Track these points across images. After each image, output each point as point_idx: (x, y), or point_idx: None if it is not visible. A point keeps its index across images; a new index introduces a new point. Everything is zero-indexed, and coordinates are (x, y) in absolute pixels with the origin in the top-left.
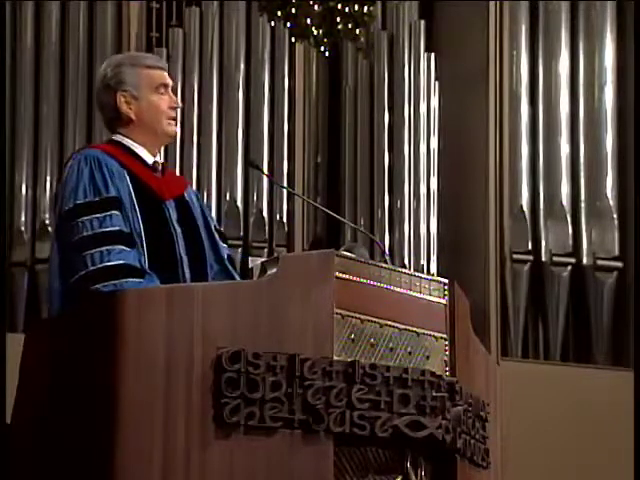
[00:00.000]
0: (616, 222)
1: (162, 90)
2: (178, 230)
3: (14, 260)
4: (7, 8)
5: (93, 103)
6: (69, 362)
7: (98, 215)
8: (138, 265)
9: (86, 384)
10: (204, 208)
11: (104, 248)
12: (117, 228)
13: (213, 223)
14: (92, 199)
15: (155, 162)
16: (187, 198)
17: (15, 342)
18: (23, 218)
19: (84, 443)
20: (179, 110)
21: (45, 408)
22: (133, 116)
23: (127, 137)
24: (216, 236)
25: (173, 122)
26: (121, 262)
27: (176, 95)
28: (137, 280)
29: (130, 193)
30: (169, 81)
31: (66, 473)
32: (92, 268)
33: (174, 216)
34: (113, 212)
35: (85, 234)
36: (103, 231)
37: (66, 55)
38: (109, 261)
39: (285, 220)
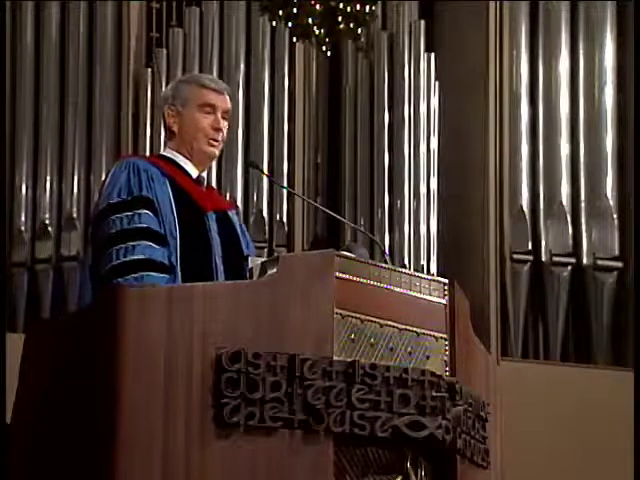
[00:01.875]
0: (616, 222)
1: (207, 109)
2: (217, 240)
3: (14, 260)
4: (7, 8)
5: (93, 103)
6: (69, 362)
7: (127, 213)
8: (165, 261)
9: (86, 384)
10: (245, 232)
11: (130, 244)
12: (145, 225)
13: (247, 251)
14: (124, 198)
15: (200, 176)
16: (231, 217)
17: (15, 342)
18: (23, 218)
19: (84, 443)
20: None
21: (45, 408)
22: (175, 129)
23: (175, 151)
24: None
25: (216, 143)
26: (144, 257)
27: (230, 118)
28: (160, 275)
29: (170, 199)
30: (221, 104)
31: (66, 473)
32: (116, 262)
33: (214, 227)
34: (142, 211)
35: (113, 230)
36: (130, 227)
37: (66, 55)
38: (133, 255)
39: (285, 220)
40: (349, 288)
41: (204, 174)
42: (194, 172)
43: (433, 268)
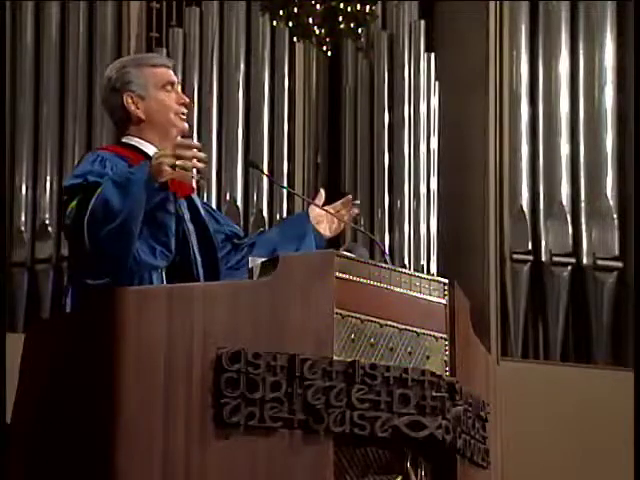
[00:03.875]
0: (616, 222)
1: (169, 87)
2: (191, 228)
3: (14, 260)
4: (7, 8)
5: (93, 103)
6: (69, 362)
7: (80, 196)
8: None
9: (86, 384)
10: (209, 210)
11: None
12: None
13: (229, 228)
14: (79, 182)
15: None
16: (195, 200)
17: (15, 342)
18: (23, 218)
19: (84, 443)
20: (187, 106)
21: (45, 408)
22: (142, 115)
23: (136, 137)
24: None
25: (184, 117)
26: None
27: (184, 91)
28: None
29: None
30: (175, 78)
31: (66, 473)
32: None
33: (186, 215)
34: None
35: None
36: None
37: (66, 55)
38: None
39: None
40: (349, 288)
41: None
42: None
43: (433, 268)
